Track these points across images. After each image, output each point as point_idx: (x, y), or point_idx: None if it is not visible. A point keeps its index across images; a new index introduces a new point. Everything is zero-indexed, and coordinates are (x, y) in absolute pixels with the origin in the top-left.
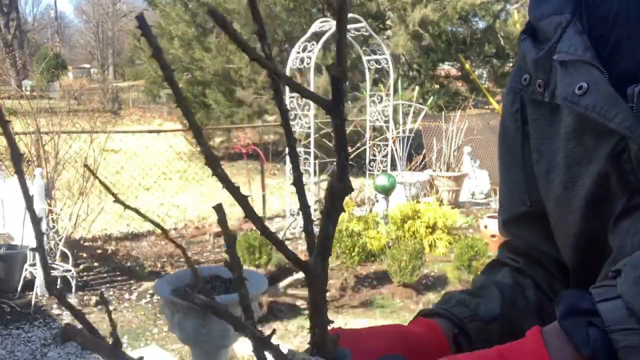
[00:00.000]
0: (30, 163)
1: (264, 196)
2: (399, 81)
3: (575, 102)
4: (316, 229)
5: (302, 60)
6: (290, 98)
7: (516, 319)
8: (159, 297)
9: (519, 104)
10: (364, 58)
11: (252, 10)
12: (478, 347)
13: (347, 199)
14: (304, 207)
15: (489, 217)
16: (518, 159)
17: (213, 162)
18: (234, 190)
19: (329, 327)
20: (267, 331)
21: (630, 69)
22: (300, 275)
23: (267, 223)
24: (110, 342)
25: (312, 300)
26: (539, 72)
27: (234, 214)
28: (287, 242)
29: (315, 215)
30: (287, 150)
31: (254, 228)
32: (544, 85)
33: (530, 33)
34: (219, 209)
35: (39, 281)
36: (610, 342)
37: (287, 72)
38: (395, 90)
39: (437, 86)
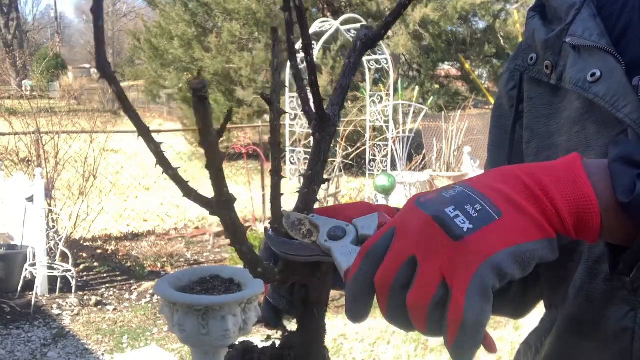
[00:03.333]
0: (30, 163)
1: (263, 196)
2: (399, 81)
3: (586, 89)
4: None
5: (302, 61)
6: (290, 98)
7: None
8: (159, 297)
9: (515, 82)
10: (364, 58)
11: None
12: None
13: (347, 199)
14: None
15: None
16: (507, 138)
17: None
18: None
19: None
20: (261, 330)
21: (638, 56)
22: None
23: (267, 223)
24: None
25: (317, 149)
26: (547, 52)
27: None
28: None
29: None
30: (287, 150)
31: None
32: (552, 67)
33: (539, 10)
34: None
35: (39, 281)
36: None
37: (287, 72)
38: (395, 90)
39: (437, 86)
